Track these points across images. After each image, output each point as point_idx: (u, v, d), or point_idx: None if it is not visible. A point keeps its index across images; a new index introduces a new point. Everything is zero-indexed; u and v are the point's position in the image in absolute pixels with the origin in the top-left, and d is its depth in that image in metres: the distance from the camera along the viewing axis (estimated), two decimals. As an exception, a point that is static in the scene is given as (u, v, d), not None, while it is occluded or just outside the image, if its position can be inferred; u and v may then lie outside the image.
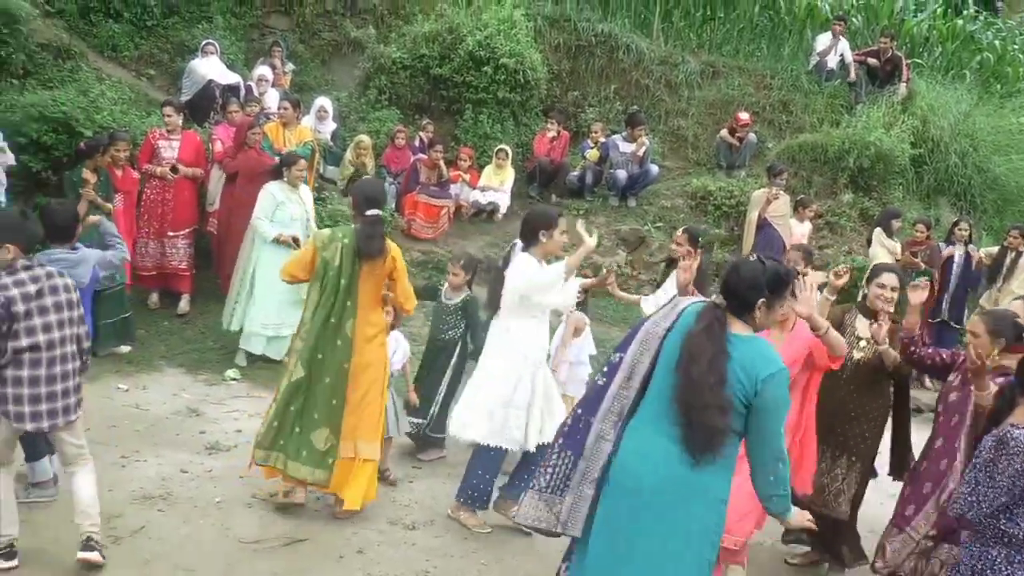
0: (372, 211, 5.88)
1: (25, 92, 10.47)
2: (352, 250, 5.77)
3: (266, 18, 14.39)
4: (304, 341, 5.80)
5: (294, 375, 5.78)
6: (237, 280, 8.86)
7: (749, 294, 3.65)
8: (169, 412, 7.63)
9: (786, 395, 3.63)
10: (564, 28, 14.27)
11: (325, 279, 5.77)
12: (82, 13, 13.04)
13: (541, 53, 13.29)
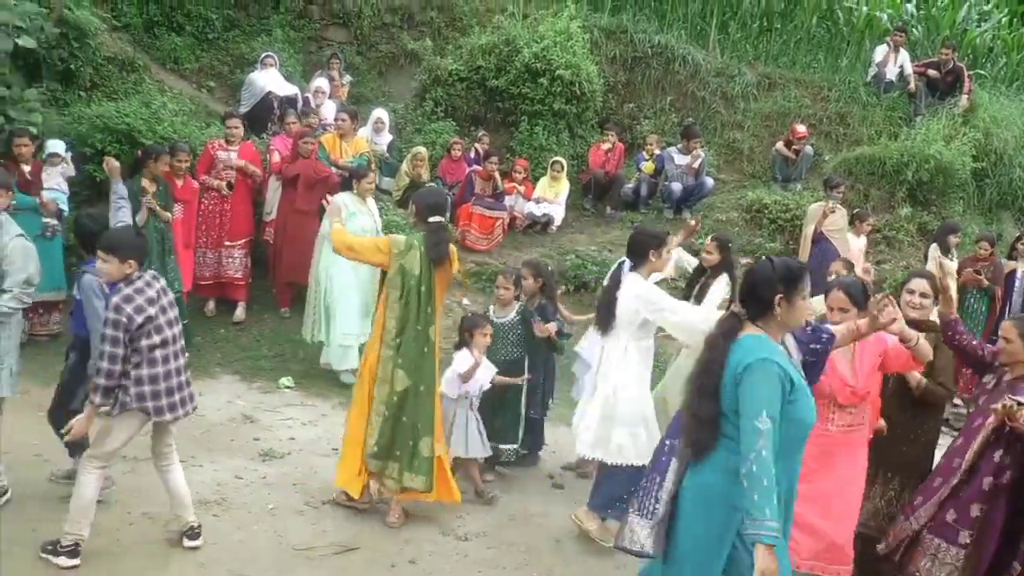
0: (435, 218, 6.03)
1: (91, 104, 10.72)
2: (427, 257, 5.92)
3: (324, 30, 14.55)
4: (397, 350, 5.95)
5: (397, 384, 5.94)
6: (312, 293, 8.93)
7: (764, 292, 3.69)
8: (224, 418, 7.74)
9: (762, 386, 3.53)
10: (620, 40, 14.24)
11: (406, 287, 5.92)
12: (146, 27, 13.33)
13: (597, 65, 13.26)
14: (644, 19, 14.97)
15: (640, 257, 5.87)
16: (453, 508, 6.47)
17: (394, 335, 5.95)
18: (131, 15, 13.16)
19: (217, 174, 9.67)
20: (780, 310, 3.67)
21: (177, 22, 13.55)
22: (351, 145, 10.28)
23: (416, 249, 5.93)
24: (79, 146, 9.66)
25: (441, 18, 14.48)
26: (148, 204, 8.47)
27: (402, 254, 5.92)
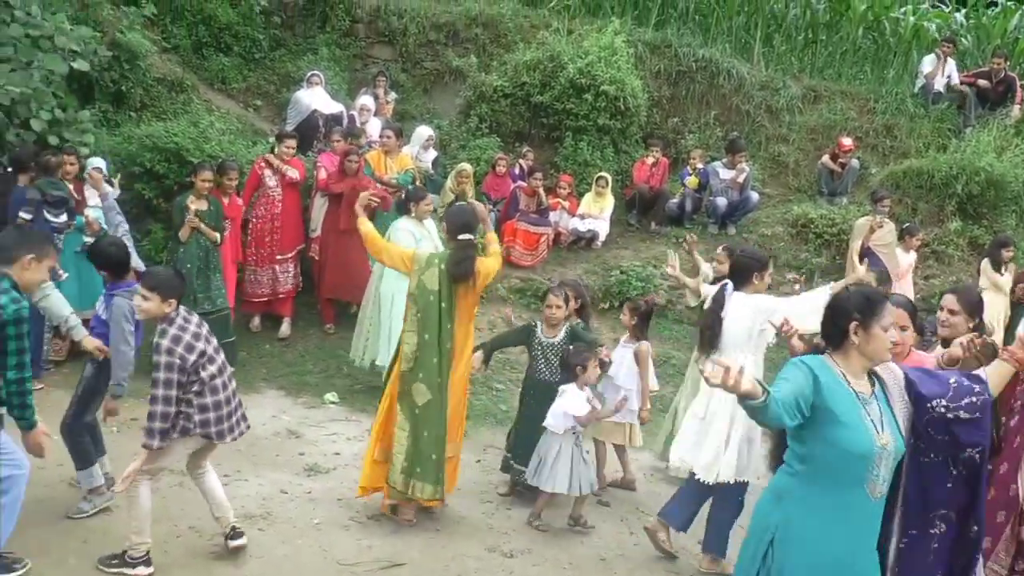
0: (464, 236, 6.14)
1: (141, 124, 10.92)
2: (447, 273, 6.03)
3: (369, 48, 14.70)
4: (418, 364, 6.06)
5: (418, 398, 6.06)
6: (366, 315, 8.91)
7: (839, 320, 3.65)
8: (269, 433, 7.80)
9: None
10: (664, 54, 14.20)
11: (423, 302, 6.03)
12: (195, 48, 13.58)
13: (641, 80, 13.24)
14: (688, 33, 14.97)
15: (744, 280, 5.97)
16: (498, 524, 6.51)
17: (413, 349, 6.05)
18: (180, 37, 13.42)
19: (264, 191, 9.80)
20: (857, 339, 3.61)
21: (225, 43, 13.79)
22: (396, 162, 10.34)
23: (436, 267, 6.06)
24: (129, 165, 9.85)
25: (486, 35, 14.55)
26: (191, 222, 8.59)
27: (422, 270, 6.07)
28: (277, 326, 10.03)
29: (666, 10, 15.91)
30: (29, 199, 8.02)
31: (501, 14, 14.70)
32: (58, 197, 8.28)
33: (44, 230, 8.04)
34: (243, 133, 11.89)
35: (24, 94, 7.85)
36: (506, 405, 8.95)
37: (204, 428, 5.25)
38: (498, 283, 10.81)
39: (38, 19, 8.77)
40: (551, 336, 6.92)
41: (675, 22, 15.55)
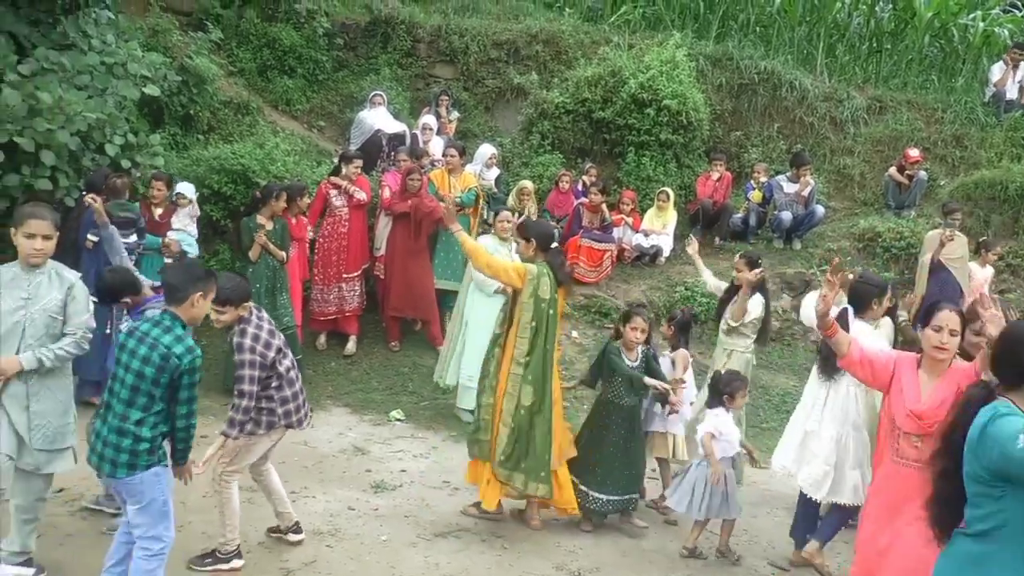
0: (555, 244, 6.63)
1: (209, 146, 11.17)
2: (555, 281, 6.46)
3: (431, 68, 14.83)
4: (526, 367, 6.41)
5: (524, 399, 6.39)
6: (453, 334, 8.95)
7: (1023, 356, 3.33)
8: (336, 450, 7.92)
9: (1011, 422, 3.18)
10: (726, 67, 14.13)
11: (538, 310, 6.39)
12: (260, 71, 13.85)
13: (703, 93, 13.19)
14: (750, 45, 14.88)
15: (863, 306, 6.08)
16: (566, 542, 6.53)
17: (525, 353, 6.40)
18: (246, 60, 13.70)
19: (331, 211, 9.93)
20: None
21: (289, 65, 14.03)
22: (459, 180, 10.44)
23: (545, 276, 6.43)
24: (197, 187, 10.07)
25: (547, 52, 14.60)
26: (260, 241, 8.77)
27: (535, 280, 6.38)
28: (343, 344, 10.15)
29: (727, 22, 15.87)
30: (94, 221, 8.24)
31: (562, 31, 14.75)
32: (125, 218, 8.47)
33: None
34: (307, 153, 12.08)
35: (99, 120, 8.06)
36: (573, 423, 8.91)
37: (287, 418, 5.69)
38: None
39: (113, 47, 9.01)
40: (632, 360, 6.85)
41: (736, 34, 15.48)
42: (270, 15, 14.18)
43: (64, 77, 7.96)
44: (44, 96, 7.43)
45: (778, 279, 11.54)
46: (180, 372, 4.49)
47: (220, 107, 12.21)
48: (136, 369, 4.49)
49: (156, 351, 4.47)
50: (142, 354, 4.48)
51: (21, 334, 4.75)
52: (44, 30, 8.34)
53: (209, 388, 9.17)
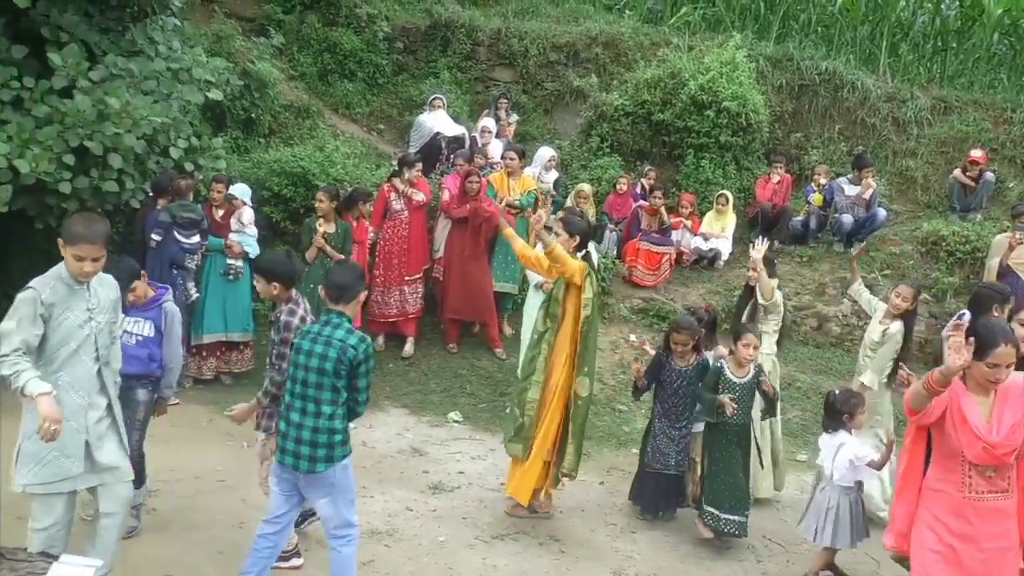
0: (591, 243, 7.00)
1: (269, 149, 11.36)
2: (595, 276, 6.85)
3: (491, 71, 14.90)
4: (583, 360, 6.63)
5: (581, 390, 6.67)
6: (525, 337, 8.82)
7: None
8: (394, 451, 7.99)
9: None
10: (786, 68, 13.96)
11: (594, 305, 6.66)
12: (320, 75, 14.03)
13: (763, 95, 13.08)
14: (810, 45, 14.72)
15: (982, 312, 6.00)
16: (623, 547, 6.54)
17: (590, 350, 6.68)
18: (306, 65, 13.90)
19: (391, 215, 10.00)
20: None
21: (349, 69, 14.19)
22: (519, 183, 10.46)
23: (592, 274, 6.74)
24: (257, 189, 10.21)
25: (606, 54, 14.58)
26: (317, 244, 8.89)
27: (590, 277, 6.65)
28: (401, 345, 10.21)
29: (787, 23, 15.70)
30: (159, 222, 8.44)
31: (621, 33, 14.72)
32: (188, 219, 8.68)
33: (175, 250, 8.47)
34: (367, 156, 12.22)
35: (164, 124, 8.22)
36: (629, 427, 8.97)
37: None
38: (620, 303, 10.82)
39: (178, 53, 9.20)
40: (742, 376, 6.71)
41: (797, 34, 15.33)
42: (331, 20, 14.35)
43: (132, 83, 8.12)
44: (113, 101, 7.59)
45: (839, 284, 11.37)
46: (358, 362, 4.88)
47: (281, 111, 12.40)
48: (316, 367, 4.86)
49: (332, 347, 4.85)
50: (319, 352, 4.86)
51: (94, 344, 4.73)
52: (114, 37, 8.52)
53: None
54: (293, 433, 4.89)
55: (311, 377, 4.86)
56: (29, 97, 7.54)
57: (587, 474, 7.73)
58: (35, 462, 4.49)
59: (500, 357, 10.10)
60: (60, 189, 7.53)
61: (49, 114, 7.52)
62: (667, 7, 16.37)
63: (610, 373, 9.92)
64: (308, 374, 4.86)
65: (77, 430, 4.58)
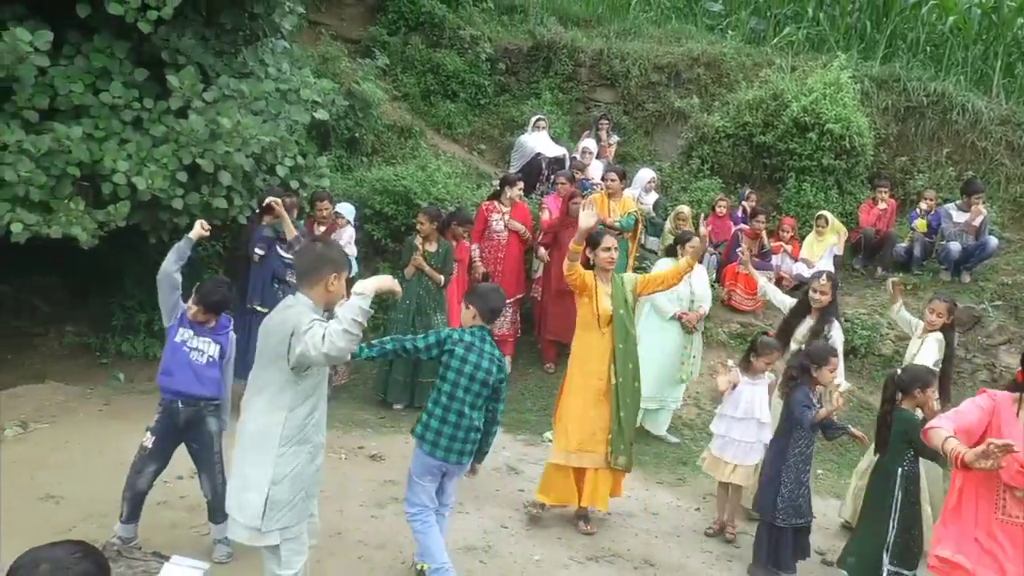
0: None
1: (372, 168, 11.63)
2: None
3: (592, 92, 15.01)
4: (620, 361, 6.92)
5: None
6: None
7: None
8: (490, 468, 7.94)
9: None
10: (893, 89, 13.74)
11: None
12: (423, 96, 14.34)
13: (868, 117, 12.90)
14: (919, 66, 14.44)
15: None
16: (718, 575, 6.51)
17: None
18: (410, 85, 14.24)
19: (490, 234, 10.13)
20: None
21: (452, 90, 14.48)
22: (619, 205, 10.44)
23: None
24: (360, 208, 10.44)
25: (708, 75, 14.56)
26: (415, 262, 9.06)
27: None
28: (498, 364, 10.28)
29: (894, 42, 15.45)
30: (263, 237, 8.68)
31: (723, 53, 14.69)
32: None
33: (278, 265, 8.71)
34: (468, 176, 12.42)
35: (272, 143, 8.48)
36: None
37: None
38: (718, 328, 10.75)
39: (287, 74, 9.50)
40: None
41: (904, 54, 15.06)
42: (435, 41, 14.68)
43: (242, 103, 8.41)
44: (224, 121, 7.87)
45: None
46: (502, 378, 5.54)
47: (384, 130, 12.69)
48: (481, 379, 5.43)
49: (492, 361, 5.47)
50: (483, 365, 5.44)
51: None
52: (227, 60, 8.84)
53: (364, 400, 9.54)
54: (449, 431, 5.42)
55: (475, 387, 5.43)
56: (148, 117, 7.87)
57: (683, 500, 7.72)
58: (287, 507, 4.39)
59: (596, 378, 10.09)
60: (173, 205, 7.84)
61: (165, 133, 7.84)
62: (770, 27, 16.30)
63: (707, 398, 9.87)
64: (472, 384, 5.42)
65: (317, 469, 4.59)
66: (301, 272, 4.43)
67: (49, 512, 6.13)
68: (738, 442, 6.94)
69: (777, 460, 6.39)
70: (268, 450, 4.30)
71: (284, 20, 9.62)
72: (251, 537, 4.38)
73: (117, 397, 8.73)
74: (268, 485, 4.29)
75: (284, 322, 4.23)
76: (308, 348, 4.03)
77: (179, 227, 8.21)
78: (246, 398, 4.46)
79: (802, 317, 7.45)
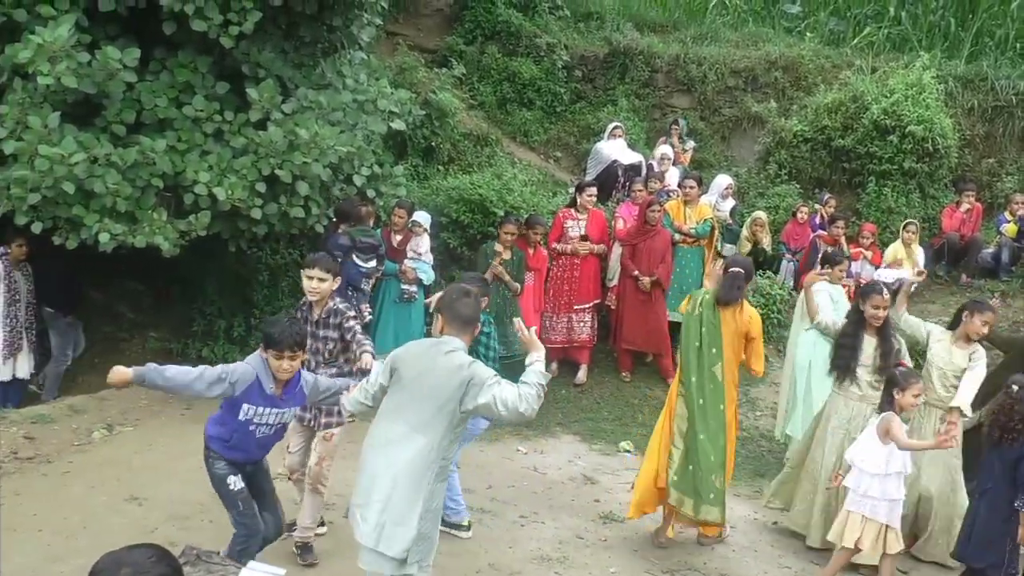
0: (734, 269, 6.71)
1: (448, 177, 11.67)
2: (712, 302, 6.61)
3: (668, 97, 14.93)
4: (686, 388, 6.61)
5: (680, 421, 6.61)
6: (787, 383, 8.43)
7: None
8: (565, 478, 8.01)
9: None
10: (979, 88, 13.40)
11: (691, 328, 6.67)
12: (499, 104, 14.42)
13: (952, 118, 12.60)
14: (1007, 64, 14.02)
15: None
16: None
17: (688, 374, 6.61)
18: (486, 94, 14.32)
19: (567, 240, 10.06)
20: None
21: (528, 98, 14.53)
22: (695, 211, 10.41)
23: (699, 296, 6.78)
24: (436, 216, 10.48)
25: (785, 78, 14.38)
26: (494, 270, 9.05)
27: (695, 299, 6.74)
28: (574, 371, 10.27)
29: (981, 40, 15.04)
30: (340, 245, 8.81)
31: (801, 56, 14.49)
32: (367, 244, 9.00)
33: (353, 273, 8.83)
34: (544, 184, 12.43)
35: (349, 153, 8.56)
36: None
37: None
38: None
39: (364, 85, 9.62)
40: None
41: (991, 52, 14.64)
42: (511, 50, 14.75)
43: (320, 114, 8.51)
44: (302, 132, 7.98)
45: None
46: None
47: (460, 139, 12.76)
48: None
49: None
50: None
51: None
52: (305, 72, 8.97)
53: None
54: None
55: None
56: (229, 129, 8.00)
57: (760, 513, 7.63)
58: (428, 539, 4.46)
59: (673, 387, 10.01)
60: (252, 215, 7.97)
61: (245, 145, 7.96)
62: (850, 27, 16.03)
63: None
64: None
65: None
66: (464, 319, 4.54)
67: (134, 513, 6.30)
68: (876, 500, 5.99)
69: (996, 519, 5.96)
70: (422, 486, 4.36)
71: (362, 32, 9.73)
72: (395, 567, 4.42)
73: (197, 402, 8.90)
74: (418, 520, 4.36)
75: (458, 369, 4.35)
76: (497, 405, 4.25)
77: (257, 236, 8.38)
78: (398, 430, 4.43)
79: (856, 337, 6.81)
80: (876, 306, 6.69)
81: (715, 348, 6.56)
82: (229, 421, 5.01)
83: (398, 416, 4.45)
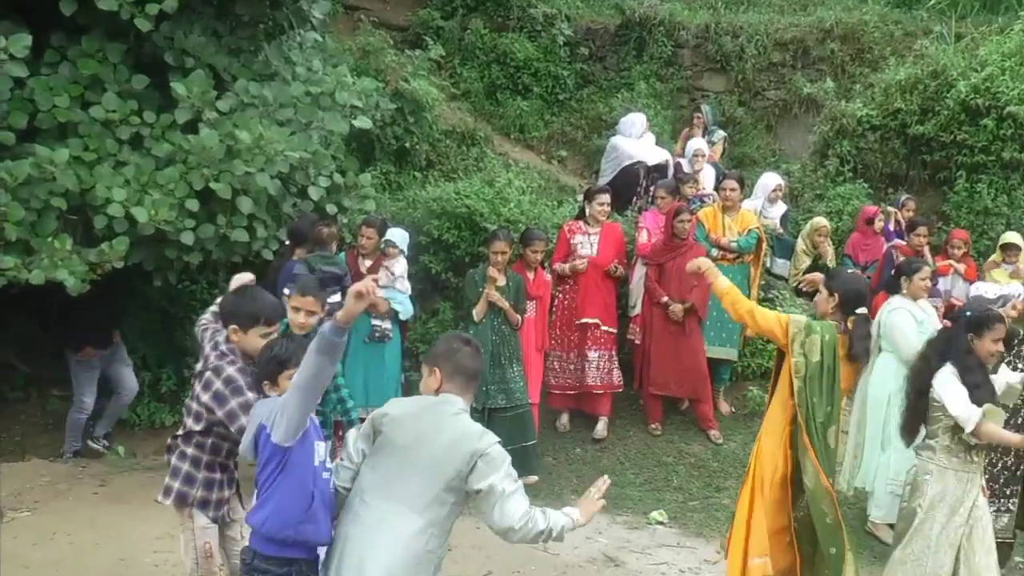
0: (862, 309, 6.26)
1: (427, 185, 11.70)
2: (834, 348, 6.17)
3: (697, 79, 15.01)
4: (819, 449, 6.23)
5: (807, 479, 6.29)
6: (853, 426, 8.38)
7: None
8: (583, 559, 7.95)
9: None
10: (1097, 56, 13.48)
11: (806, 376, 6.18)
12: (488, 93, 14.48)
13: (1065, 95, 12.68)
14: None
15: None
16: None
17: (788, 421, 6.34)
18: (471, 81, 14.39)
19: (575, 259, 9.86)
20: None
21: (522, 84, 14.60)
22: (736, 220, 10.35)
23: (818, 335, 6.18)
24: (414, 234, 10.41)
25: (844, 51, 14.46)
26: (490, 298, 8.91)
27: (801, 333, 6.20)
28: (590, 426, 10.21)
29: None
30: (295, 275, 8.69)
31: (864, 23, 14.59)
32: (329, 273, 8.84)
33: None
34: (546, 191, 12.44)
35: (302, 159, 8.53)
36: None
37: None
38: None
39: (319, 74, 9.61)
40: None
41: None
42: (500, 24, 14.82)
43: (265, 112, 8.51)
44: (243, 135, 7.96)
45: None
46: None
47: (441, 138, 12.79)
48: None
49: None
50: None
51: None
52: (245, 60, 8.96)
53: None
54: None
55: None
56: (149, 134, 8.01)
57: None
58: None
59: (715, 441, 9.98)
60: (182, 240, 7.94)
61: (171, 153, 7.97)
62: (925, -16, 16.11)
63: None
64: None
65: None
66: (470, 373, 4.55)
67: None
68: None
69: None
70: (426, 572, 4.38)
71: (314, 7, 9.75)
72: None
73: (116, 475, 8.87)
74: None
75: (463, 438, 4.35)
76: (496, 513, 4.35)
77: (190, 266, 8.33)
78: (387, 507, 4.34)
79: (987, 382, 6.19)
80: (997, 339, 6.20)
81: (831, 407, 6.24)
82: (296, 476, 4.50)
83: (386, 491, 4.34)
